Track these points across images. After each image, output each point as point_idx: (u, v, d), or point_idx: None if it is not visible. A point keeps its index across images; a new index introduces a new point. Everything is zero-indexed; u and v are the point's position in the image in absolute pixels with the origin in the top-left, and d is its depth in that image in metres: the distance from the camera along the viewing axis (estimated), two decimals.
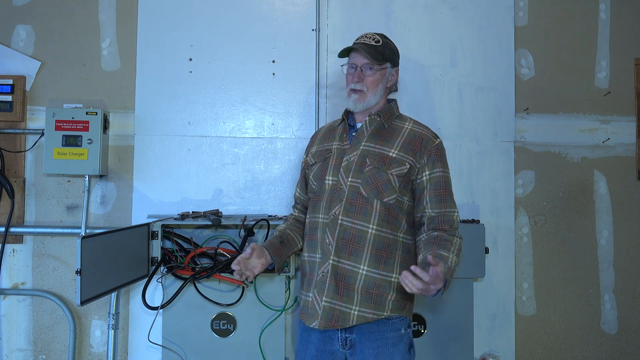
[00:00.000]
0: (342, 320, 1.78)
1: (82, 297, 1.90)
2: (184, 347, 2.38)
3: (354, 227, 1.78)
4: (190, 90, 2.70)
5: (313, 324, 1.80)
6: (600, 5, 2.86)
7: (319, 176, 1.90)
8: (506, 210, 2.76)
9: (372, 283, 1.78)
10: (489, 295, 2.73)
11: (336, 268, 1.78)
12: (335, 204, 1.81)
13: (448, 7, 2.78)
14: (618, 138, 2.85)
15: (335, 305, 1.78)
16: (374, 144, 1.84)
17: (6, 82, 2.63)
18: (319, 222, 1.85)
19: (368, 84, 1.86)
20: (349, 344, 1.80)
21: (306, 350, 1.88)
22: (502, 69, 2.78)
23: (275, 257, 1.88)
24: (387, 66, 1.89)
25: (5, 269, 2.64)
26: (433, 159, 1.82)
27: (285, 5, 2.74)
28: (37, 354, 2.65)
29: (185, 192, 2.68)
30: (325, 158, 1.90)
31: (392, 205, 1.79)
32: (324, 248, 1.81)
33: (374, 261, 1.78)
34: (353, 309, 1.77)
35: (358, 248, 1.78)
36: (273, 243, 1.91)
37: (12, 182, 2.62)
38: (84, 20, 2.71)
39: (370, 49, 1.85)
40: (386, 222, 1.79)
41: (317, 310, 1.79)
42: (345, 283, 1.78)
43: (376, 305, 1.78)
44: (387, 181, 1.78)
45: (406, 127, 1.88)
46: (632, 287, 2.84)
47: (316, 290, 1.81)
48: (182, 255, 2.41)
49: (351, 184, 1.80)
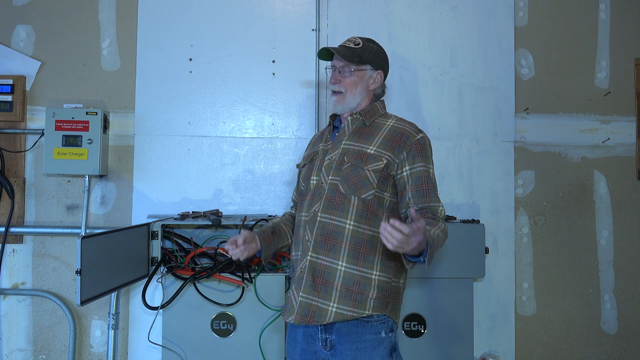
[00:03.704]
0: (319, 316, 1.76)
1: (82, 297, 1.90)
2: (184, 347, 2.38)
3: (331, 222, 1.78)
4: (190, 90, 2.70)
5: (289, 318, 1.81)
6: (600, 5, 2.86)
7: (306, 177, 1.93)
8: (506, 210, 2.76)
9: (351, 280, 1.76)
10: (489, 295, 2.73)
11: (314, 264, 1.78)
12: (315, 201, 1.83)
13: (448, 7, 2.78)
14: (618, 138, 2.85)
15: (312, 300, 1.77)
16: (354, 142, 1.85)
17: (6, 82, 2.63)
18: (301, 220, 1.87)
19: (346, 85, 1.87)
20: (329, 345, 1.79)
21: (294, 349, 1.89)
22: (502, 69, 2.78)
23: (264, 244, 1.88)
24: (365, 68, 1.88)
25: (5, 269, 2.64)
26: (413, 153, 1.80)
27: (285, 5, 2.74)
28: (37, 354, 2.65)
29: (185, 192, 2.68)
30: (312, 159, 1.94)
31: (371, 201, 1.79)
32: (303, 245, 1.83)
33: (353, 257, 1.76)
34: (331, 305, 1.75)
35: (336, 244, 1.77)
36: (264, 231, 1.93)
37: (12, 182, 2.62)
38: (84, 20, 2.71)
39: (347, 51, 1.86)
40: (364, 218, 1.78)
41: (294, 305, 1.80)
42: (324, 279, 1.77)
43: (356, 303, 1.75)
44: (364, 177, 1.78)
45: (388, 124, 1.87)
46: (632, 287, 2.84)
47: (294, 285, 1.83)
48: (182, 255, 2.41)
49: (331, 182, 1.82)
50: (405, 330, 2.43)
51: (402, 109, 2.73)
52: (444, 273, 2.42)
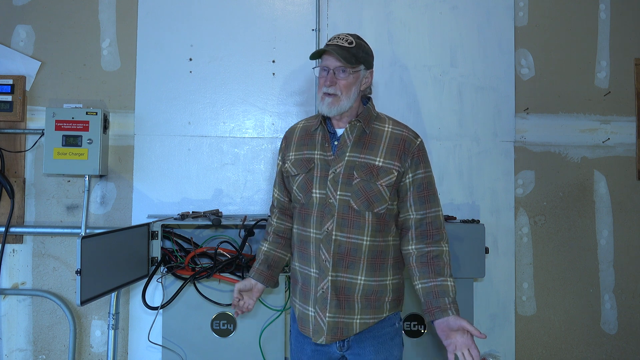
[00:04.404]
0: (347, 331, 1.80)
1: (82, 297, 1.90)
2: (184, 347, 2.38)
3: (348, 241, 1.78)
4: (190, 90, 2.70)
5: (320, 340, 1.80)
6: (600, 5, 2.86)
7: (304, 189, 1.85)
8: (506, 210, 2.76)
9: (370, 290, 1.80)
10: (489, 295, 2.73)
11: (335, 283, 1.79)
12: (327, 219, 1.79)
13: (448, 7, 2.78)
14: (618, 138, 2.85)
15: (339, 318, 1.79)
16: (358, 154, 1.80)
17: (6, 82, 2.63)
18: (310, 237, 1.82)
19: (342, 88, 1.77)
20: (347, 345, 1.82)
21: (302, 350, 1.89)
22: (502, 69, 2.78)
23: (267, 283, 1.95)
24: (360, 69, 1.81)
25: (5, 269, 2.64)
26: (416, 161, 1.80)
27: (285, 5, 2.74)
28: (37, 354, 2.65)
29: (185, 192, 2.68)
30: (309, 169, 1.84)
31: (383, 214, 1.79)
32: (320, 264, 1.80)
33: (370, 270, 1.80)
34: (355, 318, 1.80)
35: (354, 260, 1.78)
36: (261, 272, 1.95)
37: (12, 182, 2.62)
38: (84, 20, 2.71)
39: (344, 52, 1.76)
40: (378, 231, 1.79)
41: (322, 327, 1.80)
42: (346, 295, 1.79)
43: (375, 310, 1.81)
44: (377, 192, 1.77)
45: (387, 130, 1.83)
46: (632, 287, 2.84)
47: (318, 307, 1.81)
48: (182, 255, 2.41)
49: (341, 198, 1.78)
50: (405, 330, 2.43)
51: (402, 109, 2.73)
52: None
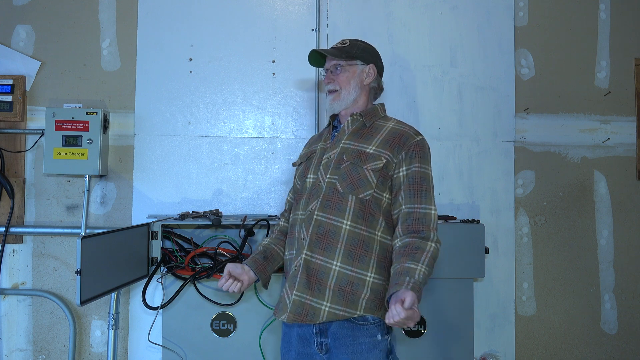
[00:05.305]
0: (312, 315, 1.75)
1: (82, 297, 1.90)
2: (184, 347, 2.38)
3: (328, 222, 1.78)
4: (190, 90, 2.70)
5: (282, 317, 1.79)
6: (600, 5, 2.86)
7: (302, 175, 1.94)
8: (506, 210, 2.76)
9: (345, 280, 1.75)
10: (489, 295, 2.73)
11: (308, 262, 1.77)
12: (312, 200, 1.82)
13: (448, 7, 2.78)
14: (618, 138, 2.85)
15: (305, 299, 1.76)
16: (353, 142, 1.85)
17: (6, 82, 2.62)
18: (297, 218, 1.86)
19: (340, 82, 1.91)
20: (325, 348, 1.78)
21: (288, 351, 1.88)
22: (502, 69, 2.78)
23: (260, 274, 1.89)
24: (355, 63, 1.91)
25: (5, 269, 2.64)
26: (411, 154, 1.80)
27: (285, 5, 2.74)
28: (37, 354, 2.65)
29: (185, 192, 2.68)
30: (309, 158, 1.95)
31: (368, 201, 1.78)
32: (299, 243, 1.82)
33: (348, 257, 1.75)
34: (324, 304, 1.75)
35: (332, 243, 1.76)
36: (256, 260, 1.92)
37: (12, 182, 2.62)
38: (84, 20, 2.71)
39: (334, 50, 1.92)
40: (361, 218, 1.77)
41: (287, 304, 1.78)
42: (318, 279, 1.76)
43: (348, 302, 1.75)
44: (363, 176, 1.78)
45: (388, 126, 1.88)
46: (632, 287, 2.84)
47: (288, 284, 1.81)
48: (182, 255, 2.40)
49: (329, 180, 1.81)
50: (405, 331, 2.43)
51: (402, 109, 2.73)
52: (444, 273, 2.41)
